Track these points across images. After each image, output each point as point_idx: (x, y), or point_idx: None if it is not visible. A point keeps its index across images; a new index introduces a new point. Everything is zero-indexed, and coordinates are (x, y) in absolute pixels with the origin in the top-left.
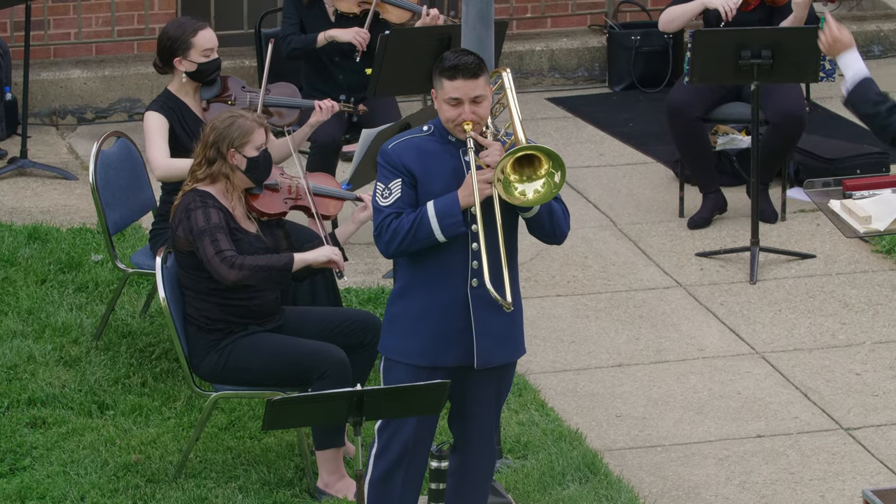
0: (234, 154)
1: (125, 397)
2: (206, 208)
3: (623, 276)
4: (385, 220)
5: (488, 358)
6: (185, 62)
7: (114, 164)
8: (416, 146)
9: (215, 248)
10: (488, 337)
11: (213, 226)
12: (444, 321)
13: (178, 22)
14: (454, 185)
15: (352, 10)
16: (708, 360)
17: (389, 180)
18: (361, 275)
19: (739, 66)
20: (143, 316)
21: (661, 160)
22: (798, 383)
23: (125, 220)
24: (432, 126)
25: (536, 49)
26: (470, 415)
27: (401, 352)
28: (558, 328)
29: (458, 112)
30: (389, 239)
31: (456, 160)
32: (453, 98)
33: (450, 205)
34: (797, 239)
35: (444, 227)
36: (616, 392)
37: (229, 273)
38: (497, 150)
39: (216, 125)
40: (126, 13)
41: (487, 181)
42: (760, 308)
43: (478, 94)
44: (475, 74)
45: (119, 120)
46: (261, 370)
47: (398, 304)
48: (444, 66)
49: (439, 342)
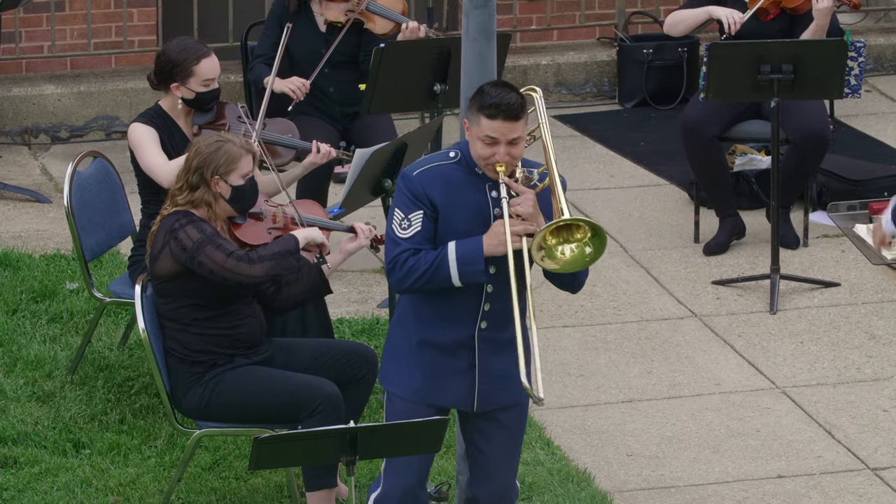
0: (218, 182)
1: (102, 435)
2: (195, 223)
3: (634, 306)
4: (401, 256)
5: (489, 401)
6: (182, 89)
7: (90, 186)
8: (442, 175)
9: (224, 251)
10: (491, 380)
11: (209, 235)
12: (445, 361)
13: (182, 44)
14: (477, 221)
15: (338, 19)
16: (725, 395)
17: (410, 210)
18: (355, 304)
19: (758, 82)
20: (121, 348)
21: (674, 182)
22: (821, 420)
23: (102, 246)
24: (459, 153)
25: (542, 63)
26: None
27: (397, 385)
28: (565, 361)
29: (492, 152)
30: (404, 276)
31: (481, 195)
32: (490, 137)
33: (473, 251)
34: (820, 266)
35: (463, 273)
36: (627, 429)
37: (253, 269)
38: (529, 200)
39: (201, 149)
40: (103, 25)
41: (518, 234)
42: (781, 340)
43: (516, 136)
44: (516, 117)
45: (96, 139)
46: (248, 406)
47: (398, 333)
48: (484, 102)
49: (436, 381)
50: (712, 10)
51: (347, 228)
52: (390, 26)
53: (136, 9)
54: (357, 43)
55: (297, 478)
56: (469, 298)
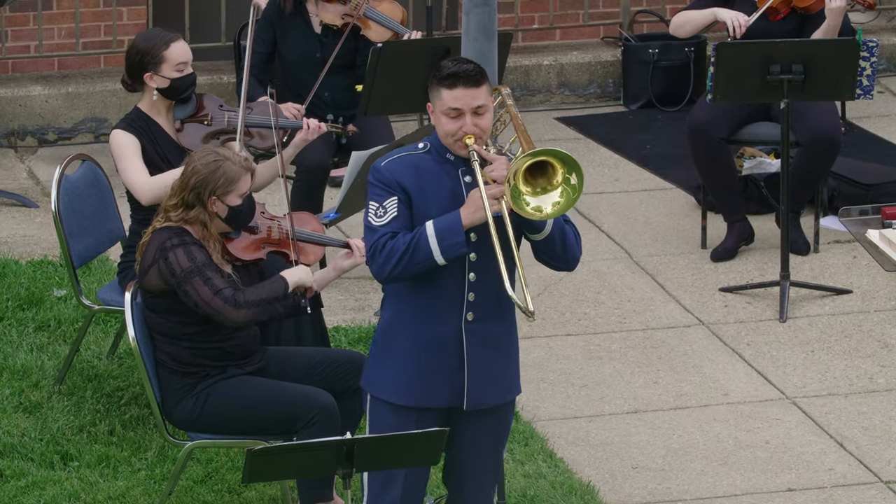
0: (215, 202)
1: (91, 447)
2: (187, 246)
3: (640, 314)
4: (379, 241)
5: (479, 399)
6: (156, 78)
7: (78, 190)
8: (412, 164)
9: (212, 288)
10: (481, 376)
11: (200, 264)
12: (435, 358)
13: (148, 34)
14: (451, 208)
15: (334, 22)
16: (733, 405)
17: (383, 199)
18: (351, 312)
19: (768, 82)
20: (110, 357)
21: (681, 186)
22: (833, 432)
23: (91, 252)
24: (428, 143)
25: (544, 63)
26: (464, 463)
27: (387, 390)
28: (568, 371)
29: (458, 125)
30: (384, 261)
31: (454, 182)
32: (453, 108)
33: (452, 223)
34: (832, 272)
35: (444, 248)
36: (632, 441)
37: (237, 314)
38: (503, 164)
39: (199, 169)
40: (92, 24)
41: (495, 196)
42: (791, 349)
43: (480, 103)
44: (477, 82)
45: (84, 141)
46: (241, 417)
47: (385, 337)
48: (442, 74)
49: (429, 381)
50: (718, 11)
51: (343, 244)
52: (388, 35)
53: (126, 7)
54: (354, 47)
55: (291, 491)
56: (452, 288)
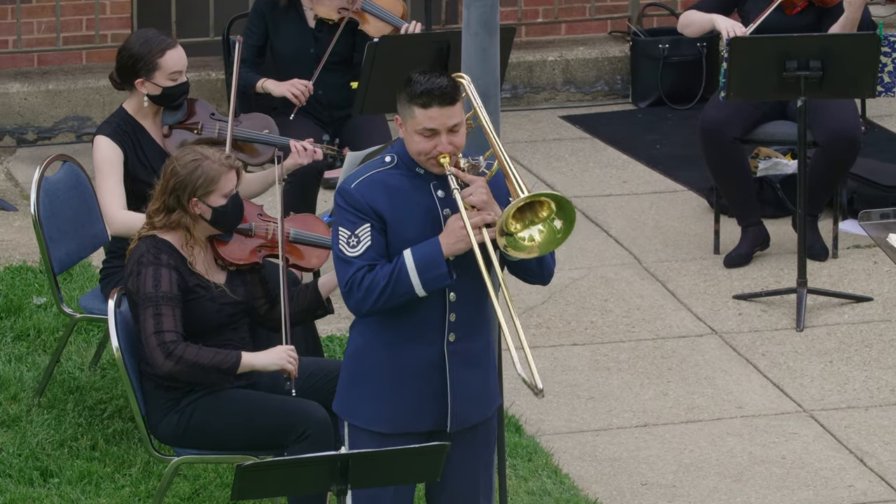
0: (196, 203)
1: (72, 463)
2: (158, 268)
3: (649, 322)
4: (356, 275)
5: (464, 419)
6: (148, 84)
7: (59, 193)
8: (382, 183)
9: (156, 325)
10: (464, 397)
11: (160, 295)
12: (417, 382)
13: (144, 37)
14: (428, 226)
15: (330, 16)
16: (748, 419)
17: (356, 226)
18: (346, 321)
19: (784, 79)
20: (93, 368)
21: (693, 188)
22: (852, 446)
23: (72, 258)
24: (395, 156)
25: (549, 59)
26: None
27: (366, 418)
28: (574, 382)
29: (432, 144)
30: (363, 297)
31: (428, 198)
32: (428, 129)
33: (432, 255)
34: (851, 279)
35: (425, 280)
36: (641, 456)
37: (164, 363)
38: (482, 187)
39: (177, 170)
40: (73, 18)
41: (476, 226)
42: (808, 359)
43: (455, 122)
44: (452, 100)
45: (65, 141)
46: (229, 431)
47: (358, 362)
48: (414, 91)
49: (412, 406)
50: (716, 20)
51: None
52: (387, 29)
53: (109, 0)
54: (351, 43)
55: None
56: (433, 311)
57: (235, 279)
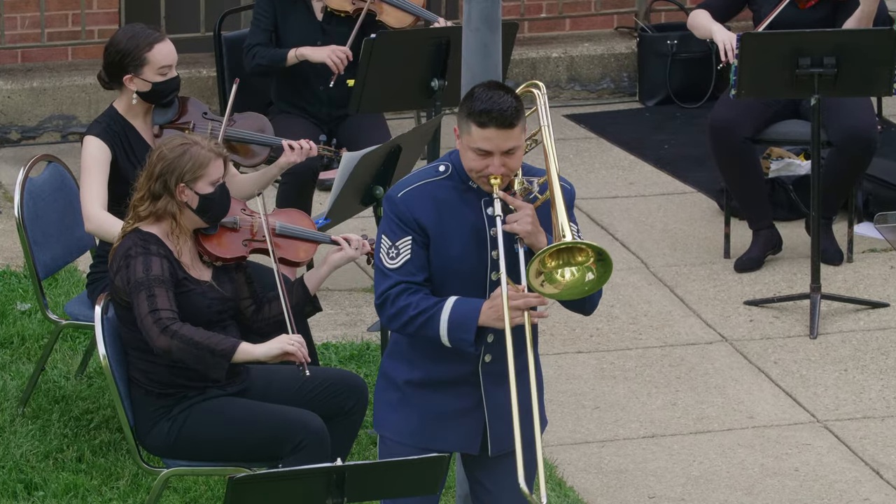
0: (183, 190)
1: (58, 475)
2: (148, 256)
3: (657, 329)
4: (392, 291)
5: (504, 442)
6: (137, 80)
7: (44, 195)
8: (432, 196)
9: (150, 305)
10: (503, 419)
11: (152, 278)
12: (447, 399)
13: (131, 31)
14: (473, 244)
15: (343, 8)
16: (759, 429)
17: (397, 237)
18: (342, 327)
19: (797, 76)
20: (79, 377)
21: (702, 190)
22: (868, 458)
23: (58, 262)
24: (450, 166)
25: (553, 56)
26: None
27: (390, 428)
28: (579, 391)
29: (485, 163)
30: (394, 315)
31: (477, 214)
32: (481, 150)
33: (468, 319)
34: (867, 284)
35: (453, 339)
36: (649, 468)
37: (159, 338)
38: (528, 216)
39: (164, 154)
40: (58, 13)
41: (519, 308)
42: (822, 367)
43: (511, 146)
44: (511, 124)
45: (50, 141)
46: (221, 442)
47: (392, 368)
48: (474, 108)
49: (437, 423)
50: (714, 32)
51: (332, 241)
52: (409, 20)
53: None
54: (362, 37)
55: None
56: None
57: (222, 276)
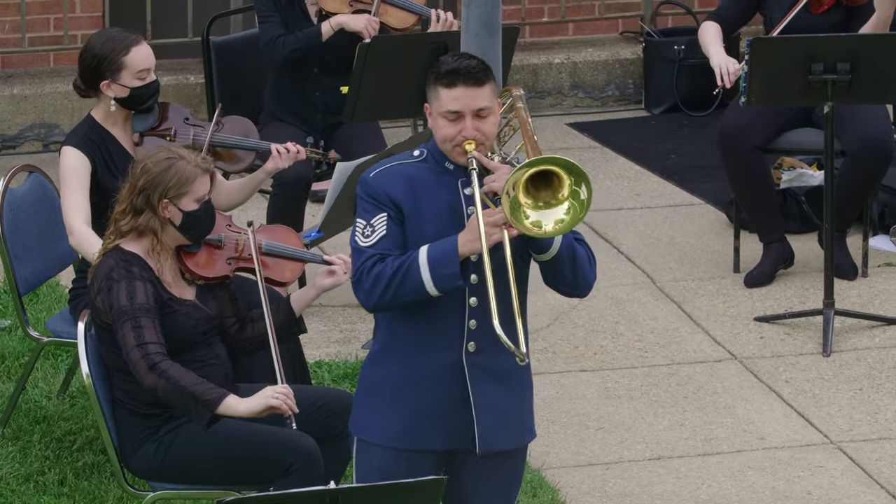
0: (167, 206)
1: (39, 499)
2: (132, 281)
3: (663, 347)
4: (366, 264)
5: (493, 440)
6: (114, 86)
7: (25, 206)
8: (405, 175)
9: (137, 338)
10: (491, 414)
11: (137, 307)
12: (433, 393)
13: (106, 35)
14: (449, 223)
15: (340, 10)
16: (770, 451)
17: (372, 215)
18: (336, 345)
19: (809, 83)
20: (61, 396)
21: (710, 201)
22: (884, 481)
23: (39, 277)
24: (425, 150)
25: (555, 62)
26: None
27: (376, 432)
28: (582, 411)
29: (457, 129)
30: (371, 286)
31: (453, 193)
32: (452, 111)
33: (447, 252)
34: (882, 299)
35: (437, 278)
36: (655, 492)
37: (147, 376)
38: (505, 173)
39: (148, 167)
40: (40, 16)
41: (496, 224)
42: (836, 386)
43: (482, 105)
44: (479, 81)
45: (31, 150)
46: (210, 464)
47: (374, 370)
48: (440, 70)
49: (425, 420)
50: (711, 55)
51: (323, 261)
52: (411, 20)
53: None
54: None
55: None
56: (451, 315)
57: (205, 294)
